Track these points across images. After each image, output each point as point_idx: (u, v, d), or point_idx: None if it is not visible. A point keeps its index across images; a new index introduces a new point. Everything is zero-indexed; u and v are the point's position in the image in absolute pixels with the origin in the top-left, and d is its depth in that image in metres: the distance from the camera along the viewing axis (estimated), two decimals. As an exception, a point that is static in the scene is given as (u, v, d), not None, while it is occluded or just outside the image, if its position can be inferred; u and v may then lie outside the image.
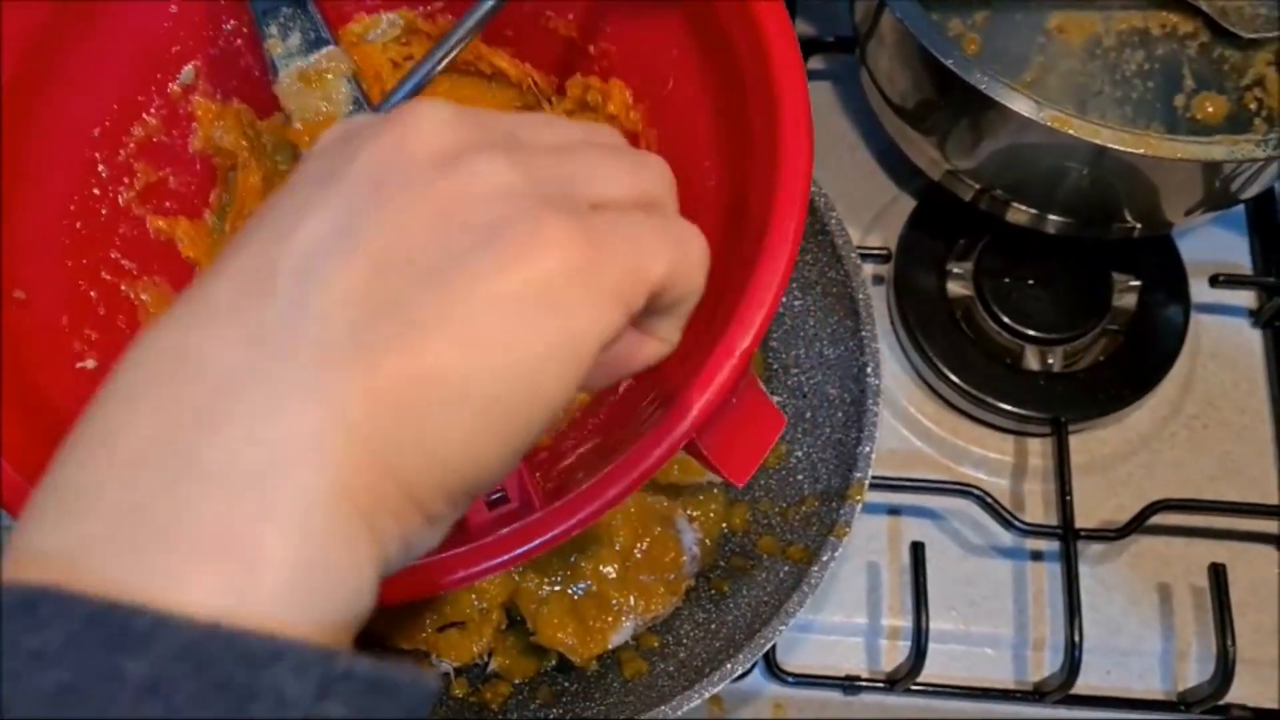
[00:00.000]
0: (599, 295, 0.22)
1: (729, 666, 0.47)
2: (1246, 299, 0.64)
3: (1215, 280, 0.62)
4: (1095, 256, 0.62)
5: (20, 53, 0.39)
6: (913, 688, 0.55)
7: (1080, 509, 0.57)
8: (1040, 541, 0.58)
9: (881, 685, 0.55)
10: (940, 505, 0.59)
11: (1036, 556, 0.58)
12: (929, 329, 0.61)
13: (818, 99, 0.68)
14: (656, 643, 0.52)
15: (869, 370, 0.52)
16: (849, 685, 0.55)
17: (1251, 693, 0.55)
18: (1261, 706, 0.55)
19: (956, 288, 0.62)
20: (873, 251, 0.62)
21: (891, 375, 0.62)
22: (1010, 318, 0.61)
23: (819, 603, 0.57)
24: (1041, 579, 0.58)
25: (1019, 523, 0.57)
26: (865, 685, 0.55)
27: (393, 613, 0.49)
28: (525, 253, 0.21)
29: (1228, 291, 0.63)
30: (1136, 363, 0.60)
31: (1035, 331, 0.61)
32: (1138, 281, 0.62)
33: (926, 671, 0.53)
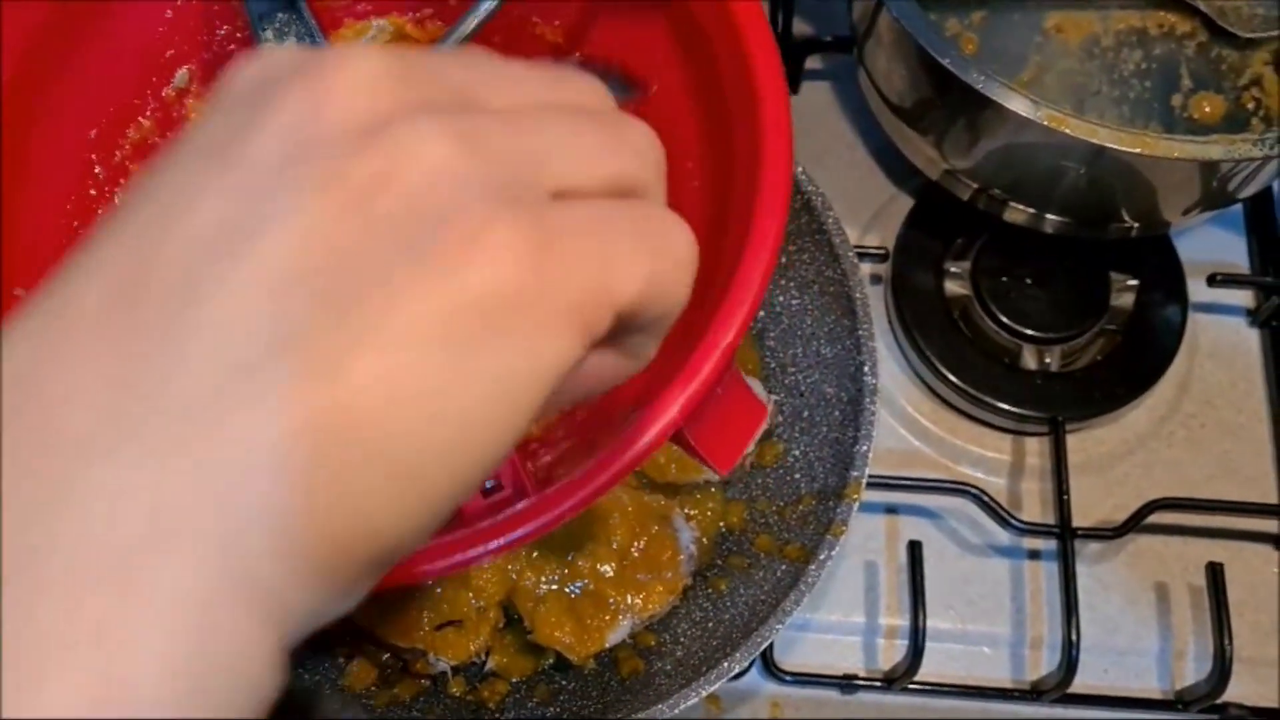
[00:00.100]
0: (552, 319, 0.18)
1: (726, 665, 0.47)
2: (1244, 298, 0.64)
3: (1213, 280, 0.62)
4: (1093, 256, 0.62)
5: (18, 54, 0.39)
6: (910, 687, 0.55)
7: (1078, 508, 0.57)
8: (1038, 540, 0.58)
9: (879, 684, 0.55)
10: (938, 504, 0.59)
11: (1034, 555, 0.58)
12: (927, 328, 0.61)
13: (815, 98, 0.69)
14: (654, 641, 0.52)
15: (866, 369, 0.52)
16: (846, 684, 0.55)
17: (1249, 692, 0.55)
18: (1259, 705, 0.55)
19: (954, 287, 0.62)
20: (870, 251, 0.62)
21: (889, 374, 0.62)
22: (1008, 317, 0.61)
23: (816, 602, 0.57)
24: (1039, 578, 0.58)
25: (1016, 522, 0.57)
26: (863, 684, 0.55)
27: (389, 611, 0.49)
28: (460, 265, 0.17)
29: (1225, 291, 0.63)
30: (1134, 362, 0.60)
31: (1033, 331, 0.61)
32: (1135, 281, 0.62)
33: (924, 670, 0.53)
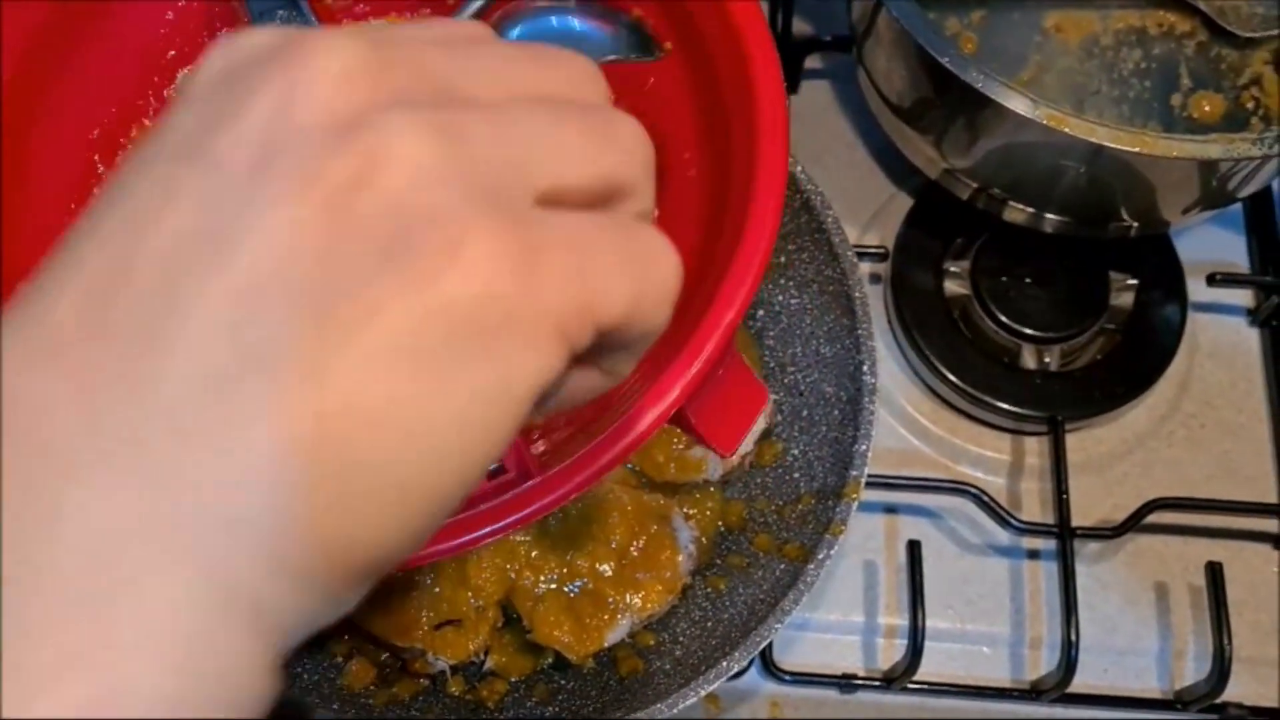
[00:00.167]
0: (533, 332, 0.18)
1: (725, 664, 0.47)
2: (1244, 298, 0.64)
3: (1212, 279, 0.62)
4: (1092, 255, 0.62)
5: (18, 54, 0.39)
6: (909, 686, 0.55)
7: (1077, 508, 0.57)
8: (1037, 540, 0.58)
9: (878, 684, 0.55)
10: (937, 504, 0.59)
11: (1033, 555, 0.58)
12: (926, 328, 0.61)
13: (815, 98, 0.69)
14: (653, 641, 0.52)
15: (865, 368, 0.52)
16: (846, 684, 0.55)
17: (1248, 691, 0.55)
18: (1258, 705, 0.55)
19: (954, 286, 0.62)
20: (870, 250, 0.62)
21: (889, 374, 0.62)
22: (1007, 316, 0.61)
23: (815, 601, 0.57)
24: (1038, 578, 0.58)
25: (1016, 521, 0.57)
26: (862, 684, 0.55)
27: (388, 610, 0.49)
28: (440, 274, 0.17)
29: (1225, 290, 0.63)
30: (1133, 362, 0.60)
31: (1032, 330, 0.61)
32: (1135, 280, 0.62)
33: (923, 670, 0.53)
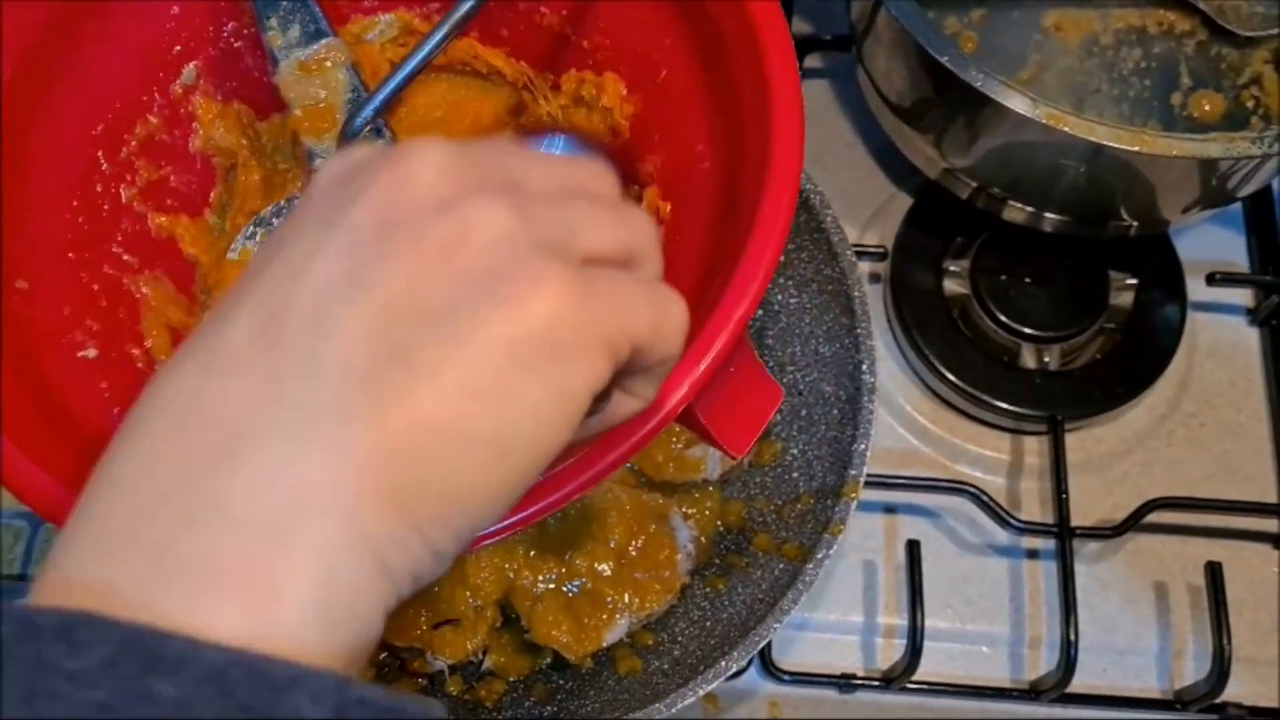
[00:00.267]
0: (592, 344, 0.23)
1: (724, 664, 0.47)
2: (1244, 297, 0.64)
3: (1212, 278, 0.62)
4: (1092, 255, 0.62)
5: (23, 51, 0.39)
6: (908, 686, 0.55)
7: (1076, 507, 0.57)
8: (1036, 540, 0.58)
9: (877, 683, 0.55)
10: (936, 503, 0.59)
11: (1032, 555, 0.58)
12: (926, 327, 0.61)
13: (814, 97, 0.69)
14: (651, 640, 0.52)
15: (864, 368, 0.52)
16: (845, 683, 0.55)
17: (1248, 691, 0.55)
18: (1258, 705, 0.55)
19: (953, 286, 0.62)
20: (870, 249, 0.62)
21: (888, 373, 0.62)
22: (1007, 316, 0.61)
23: (815, 601, 0.57)
24: (1037, 577, 0.58)
25: (1015, 521, 0.57)
26: (861, 683, 0.55)
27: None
28: (526, 301, 0.22)
29: (1225, 290, 0.63)
30: (1133, 361, 0.60)
31: (1032, 330, 0.61)
32: (1134, 280, 0.62)
33: (922, 670, 0.53)
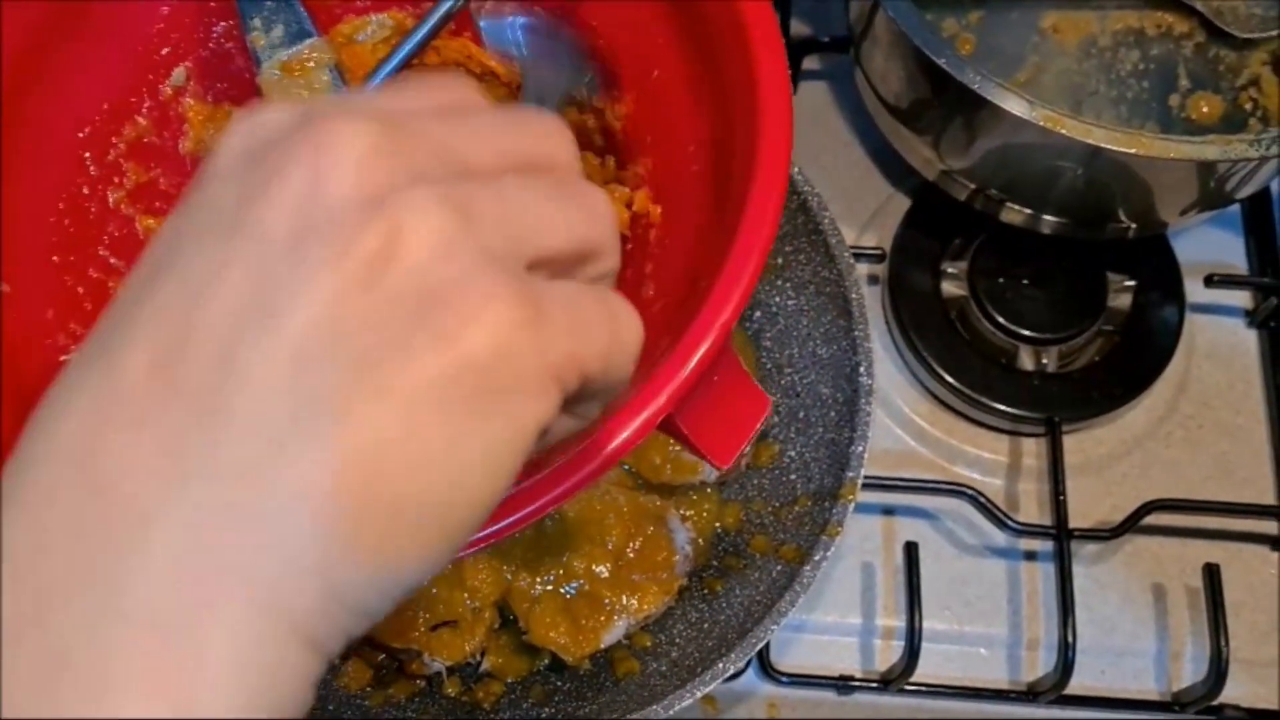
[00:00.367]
0: (541, 378, 0.20)
1: (721, 666, 0.47)
2: (1242, 299, 0.64)
3: (1210, 280, 0.62)
4: (1090, 257, 0.62)
5: (10, 52, 0.39)
6: (906, 688, 0.54)
7: (1075, 509, 0.57)
8: (1034, 541, 0.58)
9: (875, 685, 0.55)
10: (934, 505, 0.59)
11: (1030, 556, 0.58)
12: (924, 329, 0.61)
13: (813, 99, 0.69)
14: (649, 642, 0.52)
15: (862, 370, 0.52)
16: (843, 685, 0.55)
17: (1246, 693, 0.55)
18: (1255, 707, 0.55)
19: (951, 288, 0.62)
20: (868, 251, 0.62)
21: (886, 375, 0.62)
22: (1005, 318, 0.61)
23: (813, 602, 0.57)
24: (1036, 579, 0.58)
25: (1013, 523, 0.56)
26: (859, 685, 0.55)
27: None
28: (466, 333, 0.19)
29: (1223, 291, 0.63)
30: (1131, 363, 0.60)
31: (1030, 331, 0.60)
32: (1133, 282, 0.62)
33: (920, 671, 0.53)
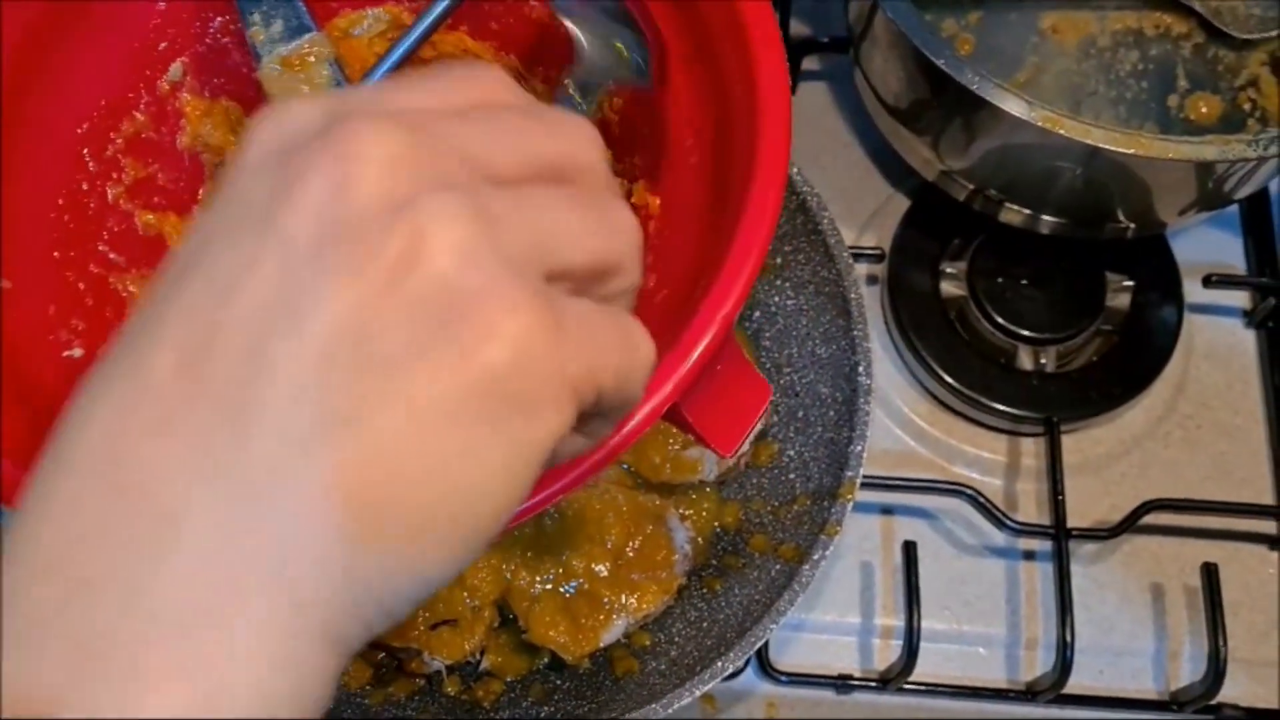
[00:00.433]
0: (559, 391, 0.21)
1: (720, 665, 0.47)
2: (1240, 299, 0.64)
3: (1209, 280, 0.62)
4: (1089, 257, 0.62)
5: (7, 49, 0.39)
6: (905, 687, 0.55)
7: (1073, 509, 0.57)
8: (1033, 541, 0.58)
9: (874, 684, 0.55)
10: (933, 505, 0.59)
11: (1029, 556, 0.58)
12: (923, 329, 0.61)
13: (812, 99, 0.69)
14: (648, 641, 0.52)
15: (861, 369, 0.52)
16: (842, 684, 0.55)
17: (1244, 692, 0.55)
18: (1254, 706, 0.55)
19: (950, 288, 0.62)
20: (867, 251, 0.62)
21: (885, 375, 0.62)
22: (1004, 318, 0.61)
23: (812, 602, 0.57)
24: (1034, 578, 0.58)
25: (1012, 522, 0.57)
26: (858, 684, 0.55)
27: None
28: (487, 343, 0.20)
29: (1221, 292, 0.63)
30: (1130, 363, 0.60)
31: (1029, 331, 0.61)
32: (1131, 282, 0.62)
33: (919, 671, 0.53)
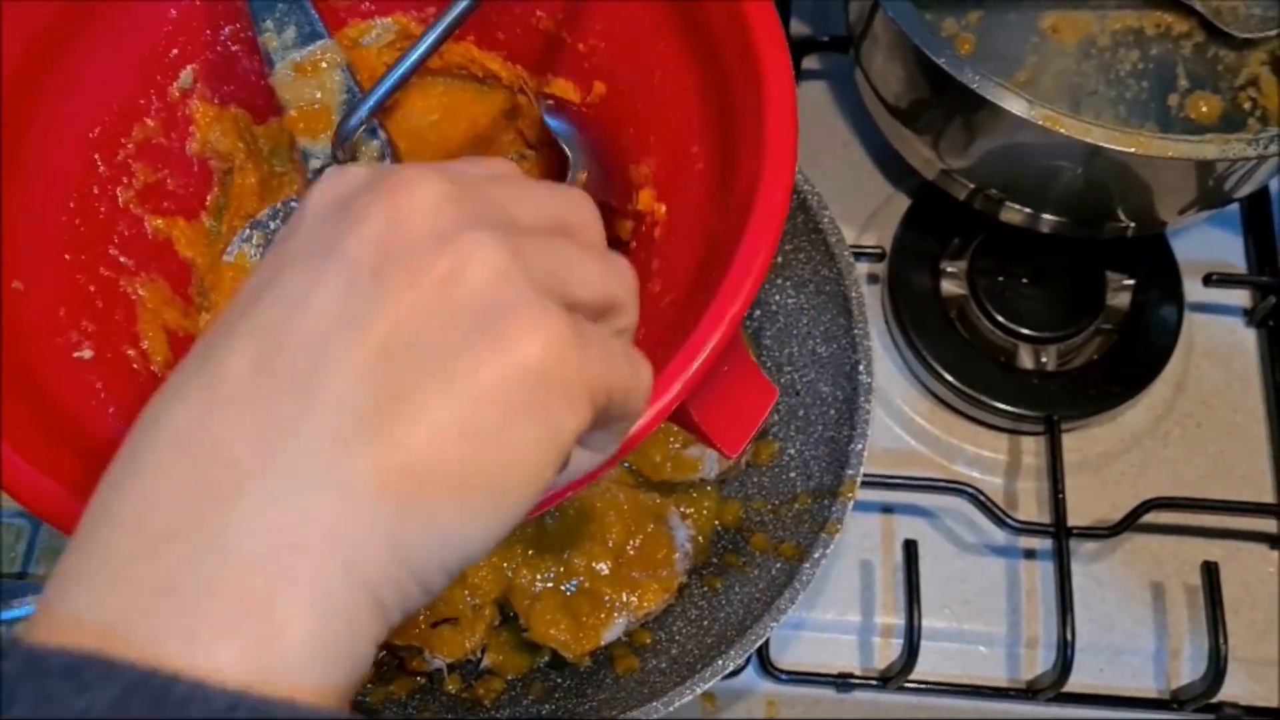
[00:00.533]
0: (580, 390, 0.23)
1: (721, 663, 0.47)
2: (1241, 298, 0.64)
3: (1209, 279, 0.62)
4: (1089, 255, 0.62)
5: (21, 53, 0.40)
6: (906, 685, 0.55)
7: (1073, 507, 0.57)
8: (1033, 539, 0.58)
9: (874, 683, 0.55)
10: (933, 503, 0.59)
11: (1029, 554, 0.58)
12: (923, 328, 0.61)
13: (812, 99, 0.69)
14: (649, 639, 0.52)
15: (861, 368, 0.52)
16: (842, 683, 0.55)
17: (1244, 691, 0.55)
18: (1254, 704, 0.55)
19: (951, 286, 0.63)
20: (868, 250, 0.62)
21: (886, 374, 0.62)
22: (1004, 316, 0.61)
23: (812, 600, 0.57)
24: (1034, 577, 0.58)
25: (1012, 521, 0.57)
26: (858, 683, 0.55)
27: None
28: (524, 342, 0.22)
29: (1222, 290, 0.63)
30: (1130, 361, 0.60)
31: (1029, 330, 0.61)
32: (1132, 280, 0.62)
33: (919, 669, 0.54)
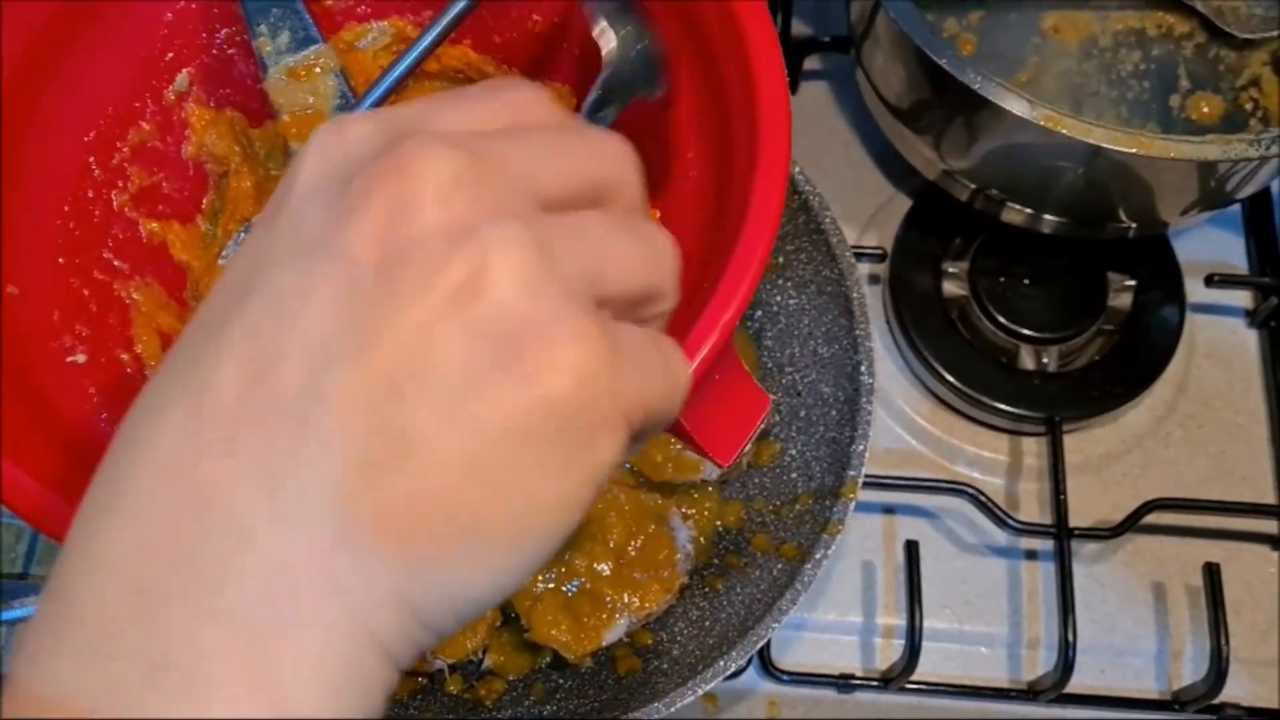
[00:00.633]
0: (614, 419, 0.21)
1: (722, 664, 0.47)
2: (1242, 299, 0.64)
3: (1211, 280, 0.62)
4: (1090, 256, 0.62)
5: (17, 55, 0.39)
6: (907, 686, 0.55)
7: (1075, 508, 0.57)
8: (1035, 540, 0.58)
9: (876, 684, 0.55)
10: (935, 504, 0.59)
11: (1031, 555, 0.58)
12: (924, 328, 0.61)
13: (813, 99, 0.69)
14: (650, 640, 0.52)
15: (863, 369, 0.52)
16: (843, 683, 0.55)
17: (1246, 692, 0.55)
18: (1255, 705, 0.55)
19: (952, 287, 0.62)
20: (869, 251, 0.62)
21: (887, 374, 0.62)
22: (1005, 317, 0.61)
23: (813, 601, 0.57)
24: (1036, 578, 0.58)
25: (1013, 522, 0.57)
26: (860, 683, 0.55)
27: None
28: (549, 372, 0.20)
29: (1223, 291, 0.63)
30: (1132, 362, 0.60)
31: (1030, 331, 0.61)
32: (1133, 281, 0.62)
33: (921, 670, 0.54)
